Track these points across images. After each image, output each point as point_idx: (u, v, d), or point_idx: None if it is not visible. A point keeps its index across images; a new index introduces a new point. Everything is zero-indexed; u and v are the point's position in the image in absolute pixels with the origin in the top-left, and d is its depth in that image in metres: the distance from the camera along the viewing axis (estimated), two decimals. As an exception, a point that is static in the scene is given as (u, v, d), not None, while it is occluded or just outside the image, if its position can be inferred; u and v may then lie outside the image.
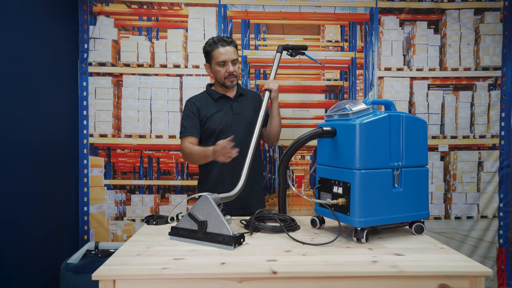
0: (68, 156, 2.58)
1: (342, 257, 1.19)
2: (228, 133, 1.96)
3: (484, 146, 2.78)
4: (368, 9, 2.76)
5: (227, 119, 2.02)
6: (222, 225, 1.27)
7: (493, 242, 2.76)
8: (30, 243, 2.05)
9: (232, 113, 2.04)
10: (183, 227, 1.34)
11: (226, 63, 1.98)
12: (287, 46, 2.19)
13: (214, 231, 1.27)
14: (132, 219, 2.69)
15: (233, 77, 2.00)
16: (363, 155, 1.32)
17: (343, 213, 1.36)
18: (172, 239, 1.36)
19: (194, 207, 1.33)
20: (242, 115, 2.05)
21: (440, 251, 1.25)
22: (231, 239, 1.23)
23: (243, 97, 2.12)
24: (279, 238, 1.39)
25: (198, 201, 1.33)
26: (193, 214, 1.31)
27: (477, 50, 2.78)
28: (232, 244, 1.23)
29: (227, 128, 2.01)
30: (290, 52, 2.22)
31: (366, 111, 1.39)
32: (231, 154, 1.73)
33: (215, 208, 1.30)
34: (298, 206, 2.78)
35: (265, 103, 1.97)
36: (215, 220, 1.28)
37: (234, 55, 1.99)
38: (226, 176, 1.96)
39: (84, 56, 2.66)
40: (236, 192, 1.56)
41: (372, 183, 1.33)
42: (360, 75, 2.78)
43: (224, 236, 1.25)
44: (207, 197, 1.31)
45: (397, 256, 1.19)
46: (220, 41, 1.98)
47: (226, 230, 1.25)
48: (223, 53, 1.96)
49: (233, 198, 1.54)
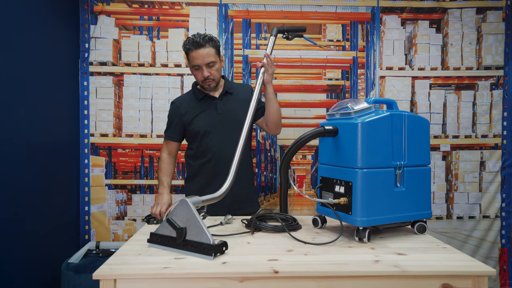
0: (69, 156, 2.57)
1: (344, 256, 1.18)
2: (213, 134, 1.92)
3: (486, 146, 2.77)
4: (370, 8, 2.76)
5: (210, 120, 1.93)
6: (201, 232, 1.15)
7: (495, 242, 2.75)
8: (31, 242, 2.05)
9: (216, 113, 1.94)
10: (162, 233, 1.23)
11: (200, 67, 1.86)
12: (282, 29, 1.94)
13: (194, 239, 1.16)
14: (133, 219, 2.69)
15: (209, 80, 1.89)
16: (365, 154, 1.31)
17: (345, 213, 1.35)
18: (151, 246, 1.25)
19: (174, 212, 1.21)
20: (227, 115, 1.94)
21: (442, 251, 1.24)
22: (210, 248, 1.12)
23: (229, 95, 1.99)
24: (281, 237, 1.38)
25: (177, 205, 1.22)
26: (172, 220, 1.20)
27: (479, 49, 2.77)
28: (211, 254, 1.12)
29: (211, 129, 1.93)
30: (286, 35, 1.97)
31: (368, 110, 1.38)
32: (157, 217, 1.76)
33: (195, 213, 1.18)
34: (300, 205, 2.78)
35: (257, 90, 1.77)
36: (194, 226, 1.17)
37: (208, 58, 1.84)
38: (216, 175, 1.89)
39: (85, 56, 2.66)
40: (221, 194, 1.43)
41: (374, 182, 1.32)
42: (361, 75, 2.78)
43: (204, 245, 1.13)
44: (186, 201, 1.20)
45: (400, 255, 1.18)
46: (194, 43, 1.83)
47: (206, 238, 1.14)
48: (195, 57, 1.84)
49: (218, 199, 1.41)
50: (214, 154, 1.93)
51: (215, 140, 1.93)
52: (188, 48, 1.86)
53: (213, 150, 1.93)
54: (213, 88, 1.93)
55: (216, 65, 1.89)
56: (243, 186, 1.92)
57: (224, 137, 1.91)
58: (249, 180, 2.05)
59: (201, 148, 1.96)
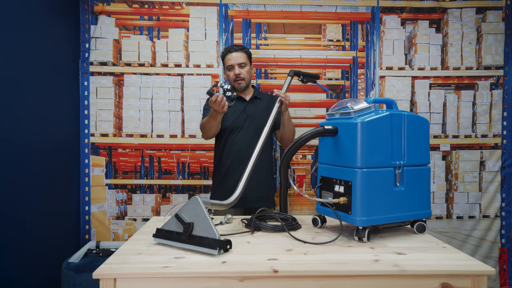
0: (69, 156, 2.58)
1: (343, 256, 1.18)
2: (238, 133, 2.12)
3: (486, 146, 2.77)
4: (370, 8, 2.76)
5: (239, 119, 2.13)
6: (209, 228, 1.19)
7: (495, 241, 2.75)
8: (31, 242, 2.05)
9: (245, 114, 2.14)
10: (169, 229, 1.27)
11: (233, 67, 2.13)
12: (299, 72, 2.12)
13: (200, 234, 1.20)
14: (133, 219, 2.69)
15: (240, 79, 2.13)
16: (365, 153, 1.31)
17: (344, 212, 1.35)
18: (156, 241, 1.30)
19: (183, 208, 1.28)
20: (254, 117, 2.14)
21: (442, 250, 1.24)
22: (216, 243, 1.15)
23: (258, 100, 2.21)
24: (280, 237, 1.39)
25: (187, 202, 1.29)
26: (180, 216, 1.25)
27: (479, 49, 2.77)
28: (216, 248, 1.14)
29: (238, 128, 2.13)
30: (301, 78, 2.15)
31: (368, 110, 1.39)
32: (223, 105, 1.83)
33: (204, 210, 1.23)
34: (299, 205, 2.78)
35: (275, 112, 1.93)
36: (202, 222, 1.21)
37: (240, 59, 2.13)
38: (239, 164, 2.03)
39: (85, 56, 2.66)
40: (230, 203, 1.49)
41: (374, 182, 1.32)
42: (361, 75, 2.78)
43: (209, 240, 1.17)
44: (196, 199, 1.26)
45: (399, 255, 1.18)
46: (229, 48, 2.17)
47: (213, 234, 1.17)
48: (230, 59, 2.14)
49: (226, 207, 1.48)
50: (236, 151, 2.10)
51: (238, 138, 2.12)
52: (224, 53, 2.17)
53: (236, 147, 2.11)
54: (243, 87, 2.16)
55: (247, 67, 2.16)
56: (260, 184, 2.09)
57: (248, 136, 2.09)
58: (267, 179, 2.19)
59: (226, 144, 2.13)
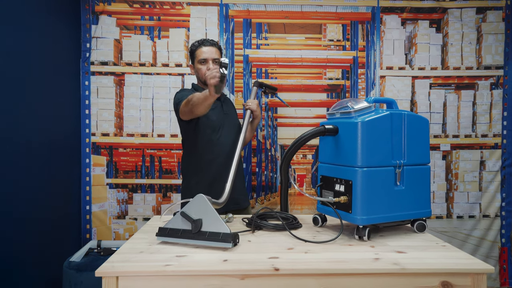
0: (70, 155, 2.58)
1: (344, 254, 1.19)
2: (221, 132, 2.00)
3: (486, 145, 2.77)
4: (370, 8, 2.76)
5: (220, 118, 2.03)
6: (219, 223, 1.23)
7: (495, 241, 2.76)
8: (32, 241, 2.06)
9: (223, 113, 2.06)
10: (173, 227, 1.29)
11: (206, 61, 2.00)
12: (261, 84, 2.26)
13: (210, 230, 1.23)
14: (134, 218, 2.70)
15: None
16: (365, 153, 1.32)
17: (345, 211, 1.36)
18: (160, 239, 1.31)
19: (187, 207, 1.30)
20: (230, 116, 2.09)
21: (442, 249, 1.25)
22: (229, 236, 1.20)
23: (225, 98, 2.17)
24: (281, 236, 1.39)
25: (191, 201, 1.30)
26: (186, 213, 1.27)
27: (479, 49, 2.77)
28: (230, 241, 1.18)
29: (218, 127, 2.01)
30: (264, 89, 2.28)
31: (368, 109, 1.39)
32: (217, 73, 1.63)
33: (212, 207, 1.27)
34: (300, 204, 2.79)
35: (247, 121, 1.97)
36: (211, 218, 1.24)
37: (215, 54, 2.02)
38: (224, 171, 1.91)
39: (86, 55, 2.67)
40: (223, 201, 1.55)
41: (374, 181, 1.33)
42: (362, 74, 2.78)
43: (221, 234, 1.21)
44: (202, 196, 1.29)
45: (399, 253, 1.19)
46: (202, 41, 2.05)
47: (224, 229, 1.22)
48: (204, 52, 2.00)
49: (221, 205, 1.51)
50: (223, 151, 1.99)
51: (223, 137, 2.01)
52: (196, 46, 2.04)
53: (221, 147, 1.99)
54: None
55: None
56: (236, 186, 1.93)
57: (229, 136, 2.02)
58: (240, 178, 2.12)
59: (209, 144, 1.98)
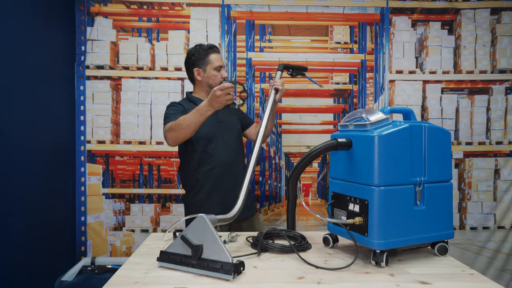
0: (65, 164, 2.47)
1: (361, 285, 1.07)
2: (214, 142, 1.98)
3: (501, 153, 2.65)
4: (379, 9, 2.64)
5: (212, 127, 1.98)
6: (220, 250, 1.11)
7: (511, 254, 2.63)
8: (22, 259, 1.95)
9: (216, 121, 2.00)
10: (174, 251, 1.18)
11: (221, 68, 2.05)
12: (287, 66, 2.14)
13: (211, 257, 1.11)
14: (132, 230, 2.58)
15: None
16: (383, 170, 1.20)
17: (359, 233, 1.24)
18: (161, 265, 1.20)
19: (188, 229, 1.18)
20: (226, 124, 2.04)
21: (469, 278, 1.13)
22: (230, 267, 1.08)
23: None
24: (289, 259, 1.28)
25: (192, 222, 1.19)
26: (187, 237, 1.15)
27: (494, 52, 2.65)
28: (231, 273, 1.07)
29: (213, 137, 1.98)
30: (291, 72, 2.15)
31: (385, 121, 1.27)
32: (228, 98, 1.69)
33: (213, 230, 1.14)
34: (305, 215, 2.66)
35: (271, 102, 1.89)
36: (212, 244, 1.12)
37: (223, 61, 2.08)
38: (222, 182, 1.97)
39: (81, 59, 2.55)
40: (233, 215, 1.39)
41: (393, 201, 1.21)
42: (370, 79, 2.66)
43: (222, 263, 1.09)
44: (203, 218, 1.17)
45: (423, 284, 1.07)
46: (213, 47, 2.05)
47: (225, 257, 1.09)
48: (218, 59, 2.03)
49: (230, 221, 1.37)
50: (219, 161, 1.97)
51: (219, 147, 1.99)
52: (207, 51, 2.01)
53: (218, 157, 1.97)
54: None
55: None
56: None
57: (226, 144, 2.00)
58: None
59: (204, 155, 1.97)
